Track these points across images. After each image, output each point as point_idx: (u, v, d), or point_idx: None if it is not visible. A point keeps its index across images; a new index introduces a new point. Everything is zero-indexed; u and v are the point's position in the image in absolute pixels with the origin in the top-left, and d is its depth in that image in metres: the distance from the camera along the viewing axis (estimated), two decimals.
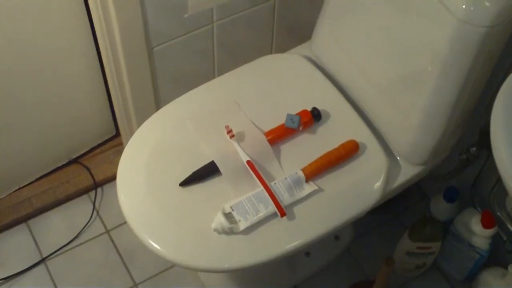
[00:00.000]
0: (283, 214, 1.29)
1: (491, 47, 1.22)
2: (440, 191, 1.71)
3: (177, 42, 1.64)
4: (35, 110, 1.79)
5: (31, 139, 1.85)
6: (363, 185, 1.38)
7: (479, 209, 1.65)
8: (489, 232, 1.59)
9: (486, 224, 1.58)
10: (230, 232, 1.27)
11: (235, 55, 1.79)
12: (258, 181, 1.31)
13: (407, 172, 1.44)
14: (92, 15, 1.58)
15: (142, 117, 1.69)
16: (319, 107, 1.43)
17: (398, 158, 1.45)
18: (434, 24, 1.22)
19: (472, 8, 1.14)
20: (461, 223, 1.64)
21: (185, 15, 1.42)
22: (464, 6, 1.15)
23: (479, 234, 1.60)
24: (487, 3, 1.14)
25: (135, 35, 1.55)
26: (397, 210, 1.91)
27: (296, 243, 1.30)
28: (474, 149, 1.52)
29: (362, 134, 1.42)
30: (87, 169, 1.99)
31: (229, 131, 1.37)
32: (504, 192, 1.53)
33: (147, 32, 1.56)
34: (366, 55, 1.45)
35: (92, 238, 1.89)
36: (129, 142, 1.42)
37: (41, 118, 1.82)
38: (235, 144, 1.36)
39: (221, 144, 1.37)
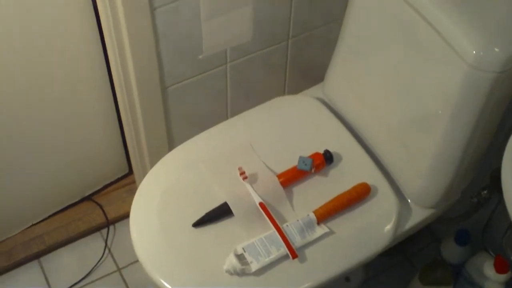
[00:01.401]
0: (294, 256, 1.29)
1: (502, 92, 1.23)
2: (451, 233, 1.70)
3: (191, 82, 1.66)
4: (49, 147, 1.81)
5: (45, 176, 1.87)
6: (374, 228, 1.38)
7: (491, 253, 1.63)
8: (503, 277, 1.57)
9: (499, 269, 1.56)
10: (242, 273, 1.27)
11: (248, 95, 1.80)
12: (270, 223, 1.32)
13: (418, 215, 1.44)
14: (109, 55, 1.60)
15: (155, 156, 1.71)
16: (331, 150, 1.44)
17: (409, 201, 1.45)
18: (445, 68, 1.23)
19: (482, 54, 1.16)
20: (473, 267, 1.63)
21: (200, 57, 1.44)
22: (474, 52, 1.16)
23: (492, 278, 1.58)
24: (496, 49, 1.16)
25: (150, 75, 1.57)
26: (408, 252, 1.90)
27: (307, 284, 1.30)
28: (485, 192, 1.52)
29: (374, 177, 1.43)
30: (100, 207, 2.00)
31: (242, 173, 1.38)
32: None
33: (161, 72, 1.59)
34: (378, 98, 1.47)
35: (104, 276, 1.89)
36: (142, 182, 1.43)
37: (55, 155, 1.84)
38: (248, 186, 1.37)
39: (234, 185, 1.38)
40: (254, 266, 1.28)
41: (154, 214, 1.37)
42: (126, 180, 2.07)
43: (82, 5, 1.55)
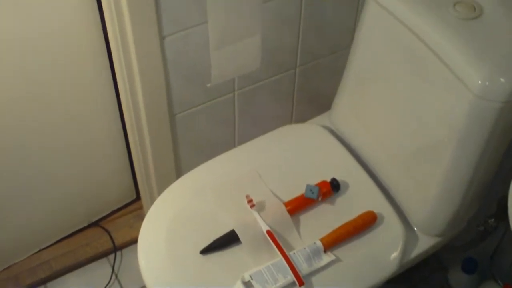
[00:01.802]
0: (301, 283, 1.29)
1: (508, 121, 1.23)
2: (458, 261, 1.70)
3: (199, 110, 1.67)
4: (57, 172, 1.82)
5: (52, 201, 1.87)
6: (380, 256, 1.39)
7: (499, 281, 1.63)
8: None
9: None
10: None
11: (255, 123, 1.82)
12: (277, 250, 1.32)
13: (424, 243, 1.44)
14: (118, 82, 1.62)
15: (163, 182, 1.72)
16: (338, 178, 1.45)
17: (415, 229, 1.45)
18: (451, 97, 1.24)
19: (487, 84, 1.17)
20: None
21: (208, 85, 1.46)
22: (480, 82, 1.17)
23: None
24: (502, 79, 1.17)
25: (159, 102, 1.58)
26: (414, 280, 1.89)
27: None
28: (492, 220, 1.52)
29: (380, 205, 1.44)
30: (107, 233, 2.00)
31: (250, 201, 1.39)
32: None
33: (170, 100, 1.60)
34: (384, 126, 1.48)
35: None
36: (150, 209, 1.44)
37: (62, 180, 1.85)
38: (255, 214, 1.38)
39: (241, 213, 1.39)
40: None
41: (162, 241, 1.37)
42: (133, 206, 2.08)
43: (92, 32, 1.57)
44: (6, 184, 1.73)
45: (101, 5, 1.46)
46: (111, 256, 1.98)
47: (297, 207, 1.42)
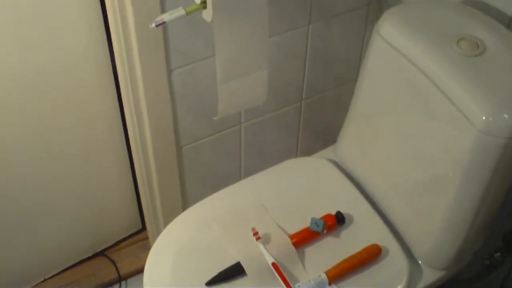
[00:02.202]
0: None
1: None
2: None
3: (205, 142, 1.69)
4: (63, 201, 1.82)
5: (58, 231, 1.88)
6: None
7: None
8: None
9: None
10: None
11: (261, 155, 1.83)
12: (282, 283, 1.33)
13: (429, 277, 1.44)
14: (125, 114, 1.63)
15: (168, 213, 1.73)
16: (343, 211, 1.46)
17: (420, 262, 1.45)
18: (455, 132, 1.25)
19: (491, 119, 1.17)
20: None
21: (215, 118, 1.47)
22: (484, 118, 1.18)
23: None
24: (506, 115, 1.17)
25: (165, 135, 1.60)
26: None
27: None
28: (498, 254, 1.51)
29: (385, 238, 1.44)
30: (113, 262, 2.00)
31: (255, 233, 1.39)
32: None
33: (177, 132, 1.62)
34: (389, 160, 1.48)
35: None
36: (156, 241, 1.44)
37: (68, 209, 1.86)
38: (261, 246, 1.39)
39: (247, 245, 1.40)
40: None
41: (168, 272, 1.38)
42: (139, 236, 2.09)
43: (101, 65, 1.59)
44: (12, 212, 1.74)
45: (111, 38, 1.48)
46: (116, 286, 1.98)
47: (302, 239, 1.42)
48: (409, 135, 1.40)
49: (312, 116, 1.83)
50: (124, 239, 2.07)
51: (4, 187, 1.67)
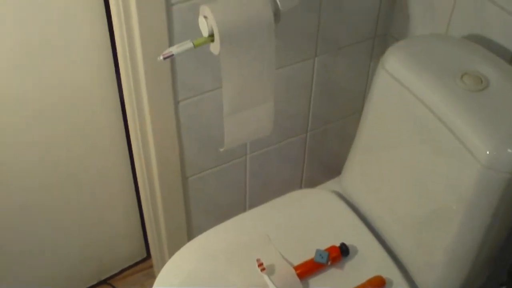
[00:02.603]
0: None
1: None
2: None
3: (211, 173, 1.70)
4: (68, 229, 1.83)
5: (63, 258, 1.88)
6: None
7: None
8: None
9: None
10: None
11: (266, 186, 1.83)
12: None
13: None
14: (132, 145, 1.64)
15: (173, 242, 1.74)
16: (347, 243, 1.46)
17: None
18: (459, 166, 1.25)
19: (495, 154, 1.18)
20: None
21: (221, 150, 1.48)
22: (487, 152, 1.18)
23: None
24: (510, 150, 1.17)
25: (172, 165, 1.61)
26: None
27: None
28: None
29: (389, 270, 1.44)
30: None
31: (260, 264, 1.39)
32: None
33: (183, 163, 1.62)
34: (393, 192, 1.49)
35: None
36: (161, 271, 1.45)
37: (73, 237, 1.86)
38: (266, 277, 1.39)
39: (252, 276, 1.39)
40: None
41: None
42: (143, 264, 2.09)
43: (108, 96, 1.61)
44: (17, 240, 1.75)
45: (119, 69, 1.50)
46: None
47: (307, 271, 1.42)
48: (414, 167, 1.40)
49: (317, 147, 1.84)
50: (129, 267, 2.07)
51: (9, 216, 1.68)
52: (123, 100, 1.57)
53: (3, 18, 1.35)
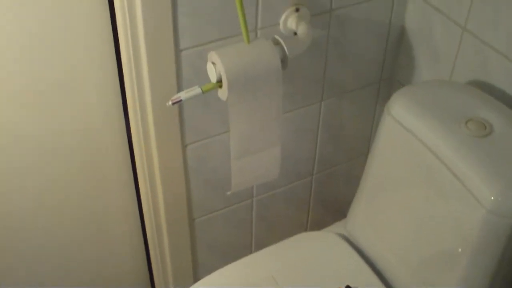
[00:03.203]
0: None
1: None
2: None
3: (217, 215, 1.70)
4: (73, 261, 1.83)
5: None
6: None
7: None
8: None
9: None
10: None
11: (272, 227, 1.84)
12: None
13: None
14: (140, 187, 1.65)
15: (179, 282, 1.74)
16: (352, 285, 1.46)
17: None
18: (464, 211, 1.26)
19: (500, 200, 1.18)
20: None
21: (228, 193, 1.50)
22: (492, 198, 1.19)
23: None
24: None
25: (179, 208, 1.62)
26: None
27: None
28: None
29: None
30: None
31: None
32: None
33: (190, 205, 1.63)
34: (399, 235, 1.49)
35: None
36: None
37: (79, 277, 1.86)
38: None
39: None
40: None
41: None
42: None
43: (117, 139, 1.62)
44: (22, 277, 1.75)
45: (128, 113, 1.52)
46: None
47: None
48: (419, 211, 1.41)
49: (323, 190, 1.85)
50: None
51: (13, 257, 1.69)
52: (132, 143, 1.58)
53: (15, 61, 1.38)
